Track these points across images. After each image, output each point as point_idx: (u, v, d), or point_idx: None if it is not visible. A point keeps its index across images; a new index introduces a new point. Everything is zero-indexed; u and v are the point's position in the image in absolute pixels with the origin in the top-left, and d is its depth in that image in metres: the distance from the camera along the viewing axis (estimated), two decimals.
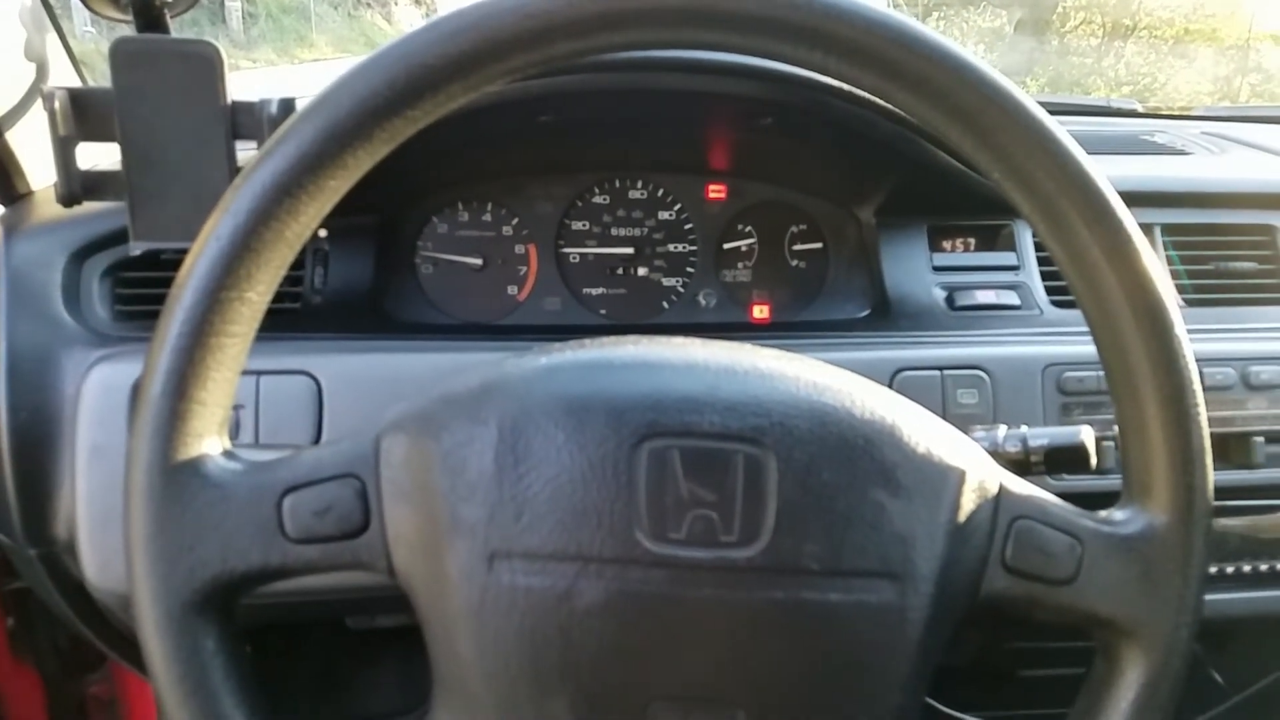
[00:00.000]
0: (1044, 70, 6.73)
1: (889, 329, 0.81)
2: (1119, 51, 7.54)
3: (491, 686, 0.41)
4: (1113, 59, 7.61)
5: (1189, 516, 0.46)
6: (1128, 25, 7.66)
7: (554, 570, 0.40)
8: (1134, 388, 0.47)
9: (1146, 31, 7.60)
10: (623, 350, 0.45)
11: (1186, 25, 7.36)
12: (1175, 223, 0.89)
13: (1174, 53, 7.37)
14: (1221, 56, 6.93)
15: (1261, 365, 0.79)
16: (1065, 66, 7.07)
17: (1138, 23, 7.65)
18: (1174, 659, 0.46)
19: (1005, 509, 0.46)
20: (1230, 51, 6.92)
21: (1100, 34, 7.68)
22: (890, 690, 0.43)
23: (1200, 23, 7.37)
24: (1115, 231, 0.45)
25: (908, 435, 0.44)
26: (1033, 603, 0.46)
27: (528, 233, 0.88)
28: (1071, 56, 7.41)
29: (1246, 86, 6.58)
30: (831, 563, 0.41)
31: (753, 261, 0.91)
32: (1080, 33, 7.71)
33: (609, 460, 0.41)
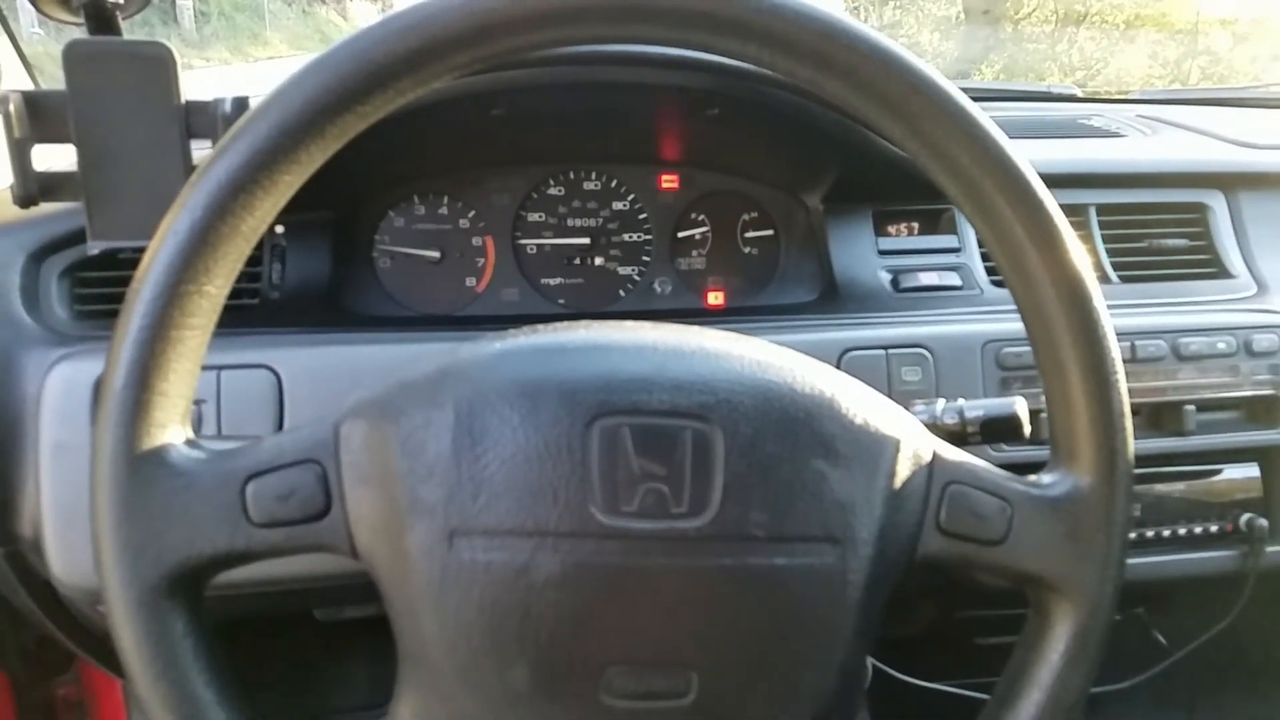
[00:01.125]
0: (999, 57, 6.81)
1: (837, 311, 0.84)
2: (1072, 38, 7.65)
3: (454, 658, 0.43)
4: (1066, 45, 7.72)
5: (1111, 478, 0.49)
6: (1079, 12, 7.76)
7: (512, 545, 0.42)
8: (1058, 359, 0.49)
9: (1098, 18, 7.73)
10: (574, 334, 0.47)
11: (1137, 11, 7.48)
12: (1108, 203, 0.92)
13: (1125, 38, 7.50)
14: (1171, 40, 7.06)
15: (1191, 337, 0.82)
16: (1020, 53, 7.16)
17: (1089, 9, 7.75)
18: (1101, 612, 0.48)
19: (939, 475, 0.48)
20: (1179, 36, 7.05)
21: (1053, 21, 7.78)
22: (834, 647, 0.45)
23: (1150, 7, 7.49)
24: (1036, 210, 0.48)
25: (846, 408, 0.46)
26: (966, 563, 0.49)
27: (484, 225, 0.90)
28: (1026, 43, 7.50)
29: (1196, 69, 6.71)
30: (776, 529, 0.43)
31: (706, 249, 0.93)
32: (1033, 20, 7.81)
33: (563, 439, 0.43)
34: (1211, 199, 0.95)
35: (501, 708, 0.43)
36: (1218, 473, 0.84)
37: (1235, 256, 0.93)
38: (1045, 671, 0.49)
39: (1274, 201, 0.97)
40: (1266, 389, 0.83)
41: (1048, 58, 7.46)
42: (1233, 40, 6.71)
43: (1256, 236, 0.95)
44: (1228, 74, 6.35)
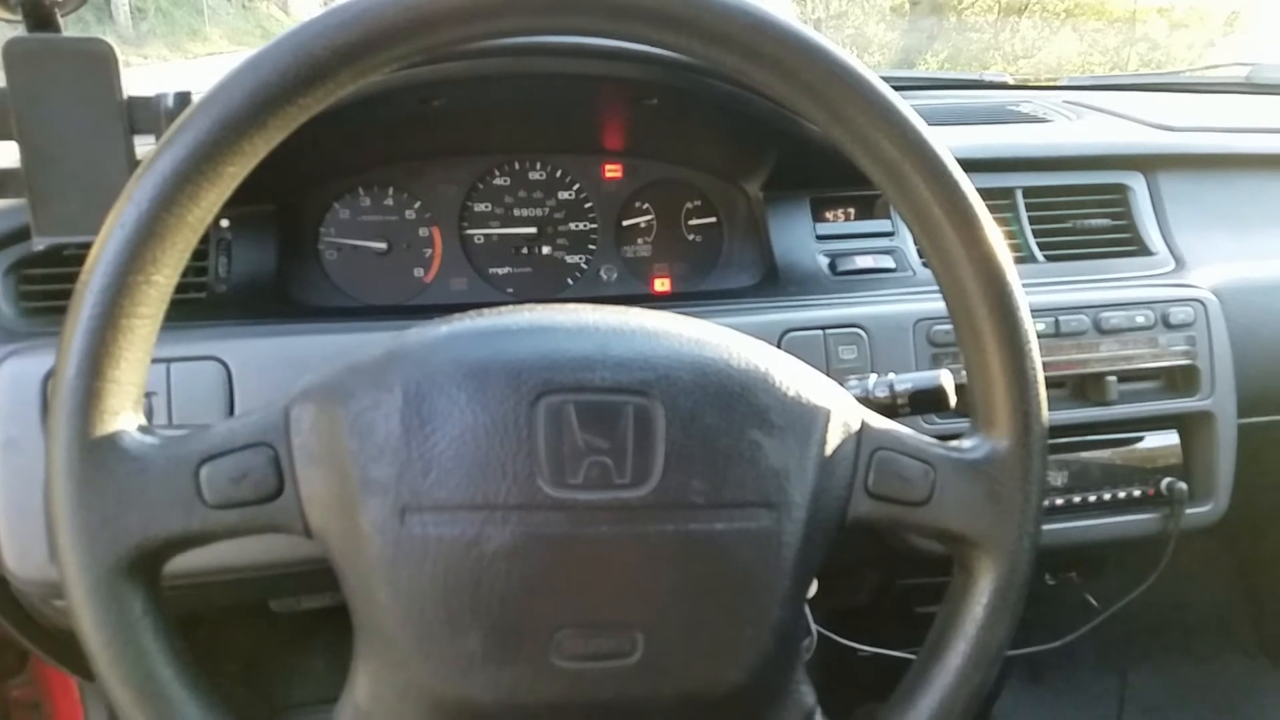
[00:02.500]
0: (943, 47, 6.92)
1: (778, 295, 0.86)
2: (1014, 27, 7.79)
3: (408, 628, 0.45)
4: (1008, 34, 7.87)
5: (1027, 440, 0.52)
6: (1021, 2, 7.91)
7: (463, 519, 0.44)
8: (975, 331, 0.52)
9: (1039, 6, 7.89)
10: (518, 316, 0.49)
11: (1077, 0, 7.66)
12: (1034, 185, 0.96)
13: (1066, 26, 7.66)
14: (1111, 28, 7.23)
15: (1111, 311, 0.86)
16: (964, 42, 7.28)
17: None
18: (1020, 565, 0.52)
19: (866, 442, 0.51)
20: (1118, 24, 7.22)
21: (995, 10, 7.93)
22: (771, 605, 0.48)
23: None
24: (952, 190, 0.51)
25: (780, 381, 0.49)
26: (894, 523, 0.52)
27: (430, 215, 0.91)
28: (969, 33, 7.63)
29: (1135, 56, 6.89)
30: (715, 496, 0.46)
31: (651, 237, 0.95)
32: (976, 9, 7.95)
33: (509, 416, 0.45)
34: (1132, 180, 0.99)
35: (456, 674, 0.45)
36: (1139, 440, 0.88)
37: (1155, 234, 0.98)
38: (970, 624, 0.52)
39: (1191, 181, 1.02)
40: (1183, 359, 0.88)
41: (991, 46, 7.60)
42: (1170, 28, 6.89)
43: (1174, 215, 0.99)
44: (1165, 60, 6.53)
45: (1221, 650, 1.80)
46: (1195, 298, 0.89)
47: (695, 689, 0.47)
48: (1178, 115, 1.09)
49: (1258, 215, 1.02)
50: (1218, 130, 1.07)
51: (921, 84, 1.31)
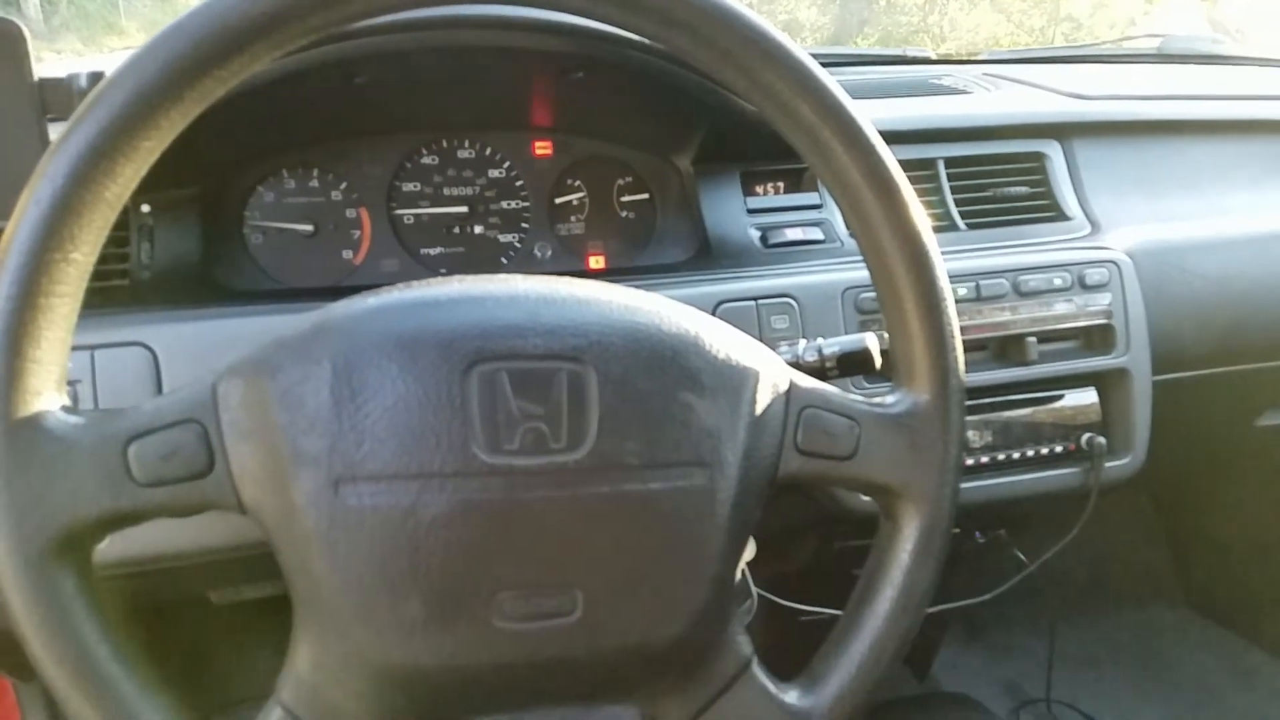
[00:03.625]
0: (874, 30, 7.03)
1: (711, 268, 0.87)
2: (942, 9, 7.94)
3: (348, 598, 0.45)
4: (937, 16, 8.02)
5: (945, 392, 0.54)
6: None
7: (398, 489, 0.44)
8: (895, 290, 0.54)
9: None
10: (448, 287, 0.49)
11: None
12: (955, 155, 0.98)
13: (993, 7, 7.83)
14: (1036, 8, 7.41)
15: (1029, 275, 0.89)
16: (893, 26, 7.40)
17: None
18: (942, 513, 0.54)
19: (795, 400, 0.53)
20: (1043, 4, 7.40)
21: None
22: (706, 562, 0.49)
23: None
24: (869, 154, 0.52)
25: (710, 345, 0.50)
26: (823, 478, 0.54)
27: (358, 196, 0.90)
28: (899, 15, 7.75)
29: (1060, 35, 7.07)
30: (649, 457, 0.47)
31: (584, 215, 0.96)
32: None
33: (442, 386, 0.45)
34: (1049, 148, 1.03)
35: (398, 640, 0.45)
36: (1060, 398, 0.92)
37: (1071, 200, 1.01)
38: (897, 570, 0.54)
39: (1105, 148, 1.05)
40: (1100, 319, 0.91)
41: (919, 29, 7.74)
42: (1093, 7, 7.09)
43: (1090, 180, 1.03)
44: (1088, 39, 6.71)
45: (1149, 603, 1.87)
46: (1110, 259, 0.92)
47: (635, 643, 0.48)
48: (1092, 85, 1.13)
49: (1169, 179, 1.07)
50: (1130, 98, 1.11)
51: (846, 60, 1.33)
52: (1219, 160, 1.10)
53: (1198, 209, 1.05)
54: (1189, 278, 0.99)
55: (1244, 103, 1.15)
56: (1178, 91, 1.16)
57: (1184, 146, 1.09)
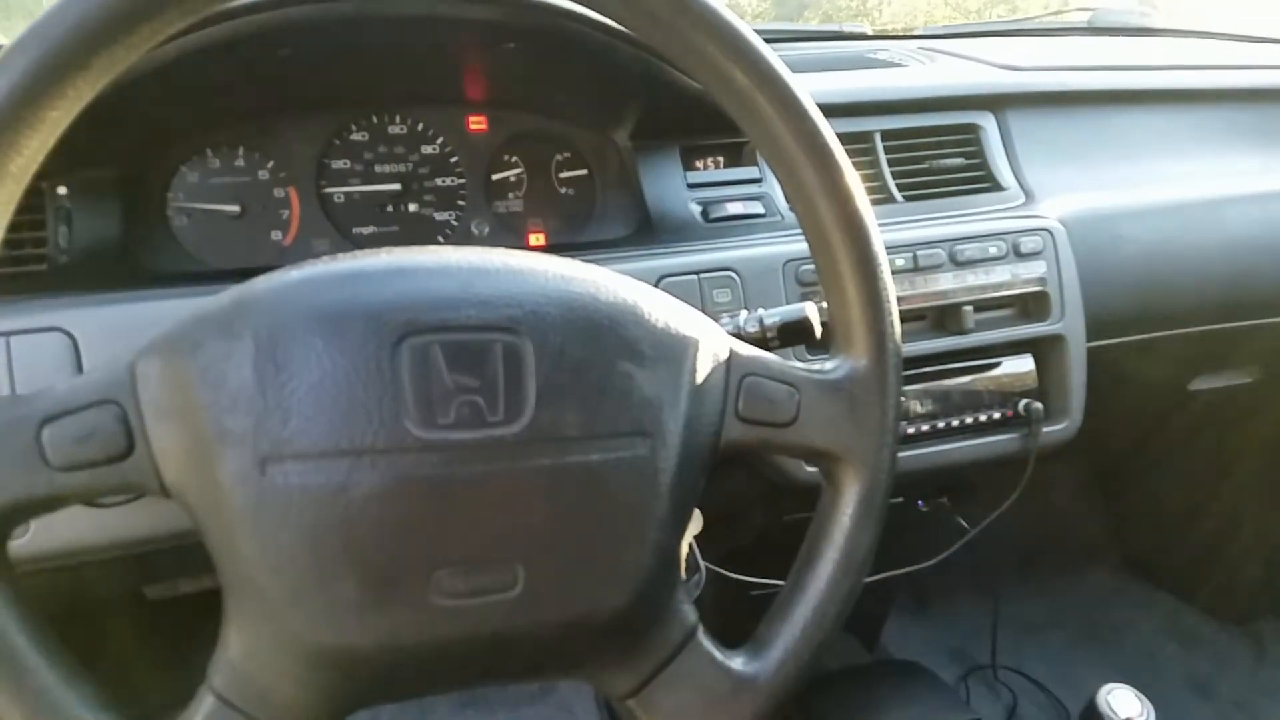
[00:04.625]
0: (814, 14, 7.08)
1: (652, 243, 0.87)
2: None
3: (278, 580, 0.44)
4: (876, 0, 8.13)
5: (882, 356, 0.54)
6: None
7: (328, 467, 0.43)
8: (831, 257, 0.54)
9: None
10: (376, 259, 0.48)
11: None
12: (892, 128, 0.99)
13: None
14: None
15: (965, 244, 0.90)
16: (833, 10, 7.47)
17: None
18: (881, 475, 0.54)
19: (735, 369, 0.53)
20: None
21: None
22: (649, 531, 0.49)
23: None
24: (802, 118, 0.52)
25: (648, 313, 0.49)
26: (765, 445, 0.54)
27: (285, 175, 0.87)
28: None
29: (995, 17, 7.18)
30: (590, 428, 0.46)
31: (523, 191, 0.94)
32: None
33: (371, 360, 0.44)
34: (983, 119, 1.04)
35: (332, 621, 0.44)
36: (997, 365, 0.93)
37: (1005, 170, 1.02)
38: (838, 533, 0.54)
39: (1038, 119, 1.07)
40: (1034, 286, 0.92)
41: (859, 13, 7.83)
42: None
43: (1023, 151, 1.04)
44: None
45: (1089, 568, 1.92)
46: (1043, 227, 0.94)
47: (578, 616, 0.48)
48: (1025, 57, 1.15)
49: (1100, 149, 1.08)
50: (1062, 69, 1.12)
51: (783, 36, 1.33)
52: (1149, 129, 1.12)
53: (1129, 177, 1.07)
54: (1121, 245, 1.01)
55: (1172, 73, 1.18)
56: (1108, 63, 1.18)
57: (1115, 116, 1.11)
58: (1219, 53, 1.33)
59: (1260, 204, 1.08)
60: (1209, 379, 1.24)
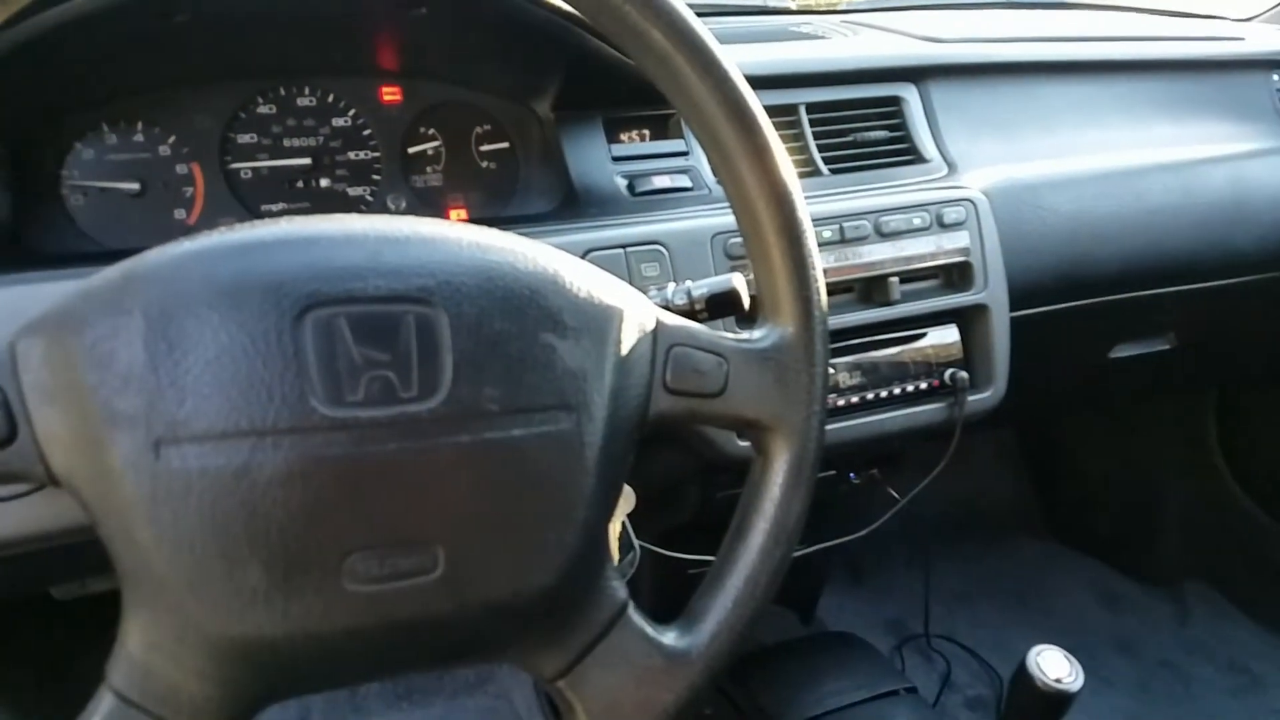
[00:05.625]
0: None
1: (578, 218, 0.85)
2: None
3: (178, 568, 0.41)
4: None
5: (809, 324, 0.54)
6: None
7: (228, 448, 0.41)
8: (755, 221, 0.54)
9: None
10: (275, 228, 0.45)
11: None
12: (816, 101, 0.98)
13: None
14: None
15: (890, 215, 0.90)
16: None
17: None
18: (810, 443, 0.54)
19: (662, 339, 0.51)
20: None
21: None
22: (575, 507, 0.47)
23: None
24: (723, 81, 0.51)
25: (570, 283, 0.48)
26: (693, 416, 0.53)
27: (188, 151, 0.83)
28: None
29: None
30: (510, 403, 0.45)
31: (441, 165, 0.91)
32: None
33: (271, 334, 0.41)
34: (905, 92, 1.04)
35: (237, 610, 0.42)
36: (923, 336, 0.93)
37: (928, 142, 1.03)
38: (768, 502, 0.54)
39: (959, 90, 1.07)
40: (958, 257, 0.93)
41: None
42: None
43: (945, 123, 1.05)
44: None
45: (1017, 536, 1.97)
46: (966, 198, 0.94)
47: (503, 597, 0.46)
48: (946, 30, 1.15)
49: (1021, 120, 1.10)
50: (982, 41, 1.13)
51: (707, 9, 1.32)
52: (1069, 100, 1.14)
53: (1049, 148, 1.08)
54: (1043, 214, 1.03)
55: (1091, 45, 1.20)
56: (1028, 34, 1.19)
57: (1035, 88, 1.13)
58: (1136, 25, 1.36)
59: (1177, 173, 1.11)
60: (1129, 346, 1.27)
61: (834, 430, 0.88)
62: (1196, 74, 1.23)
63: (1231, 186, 1.14)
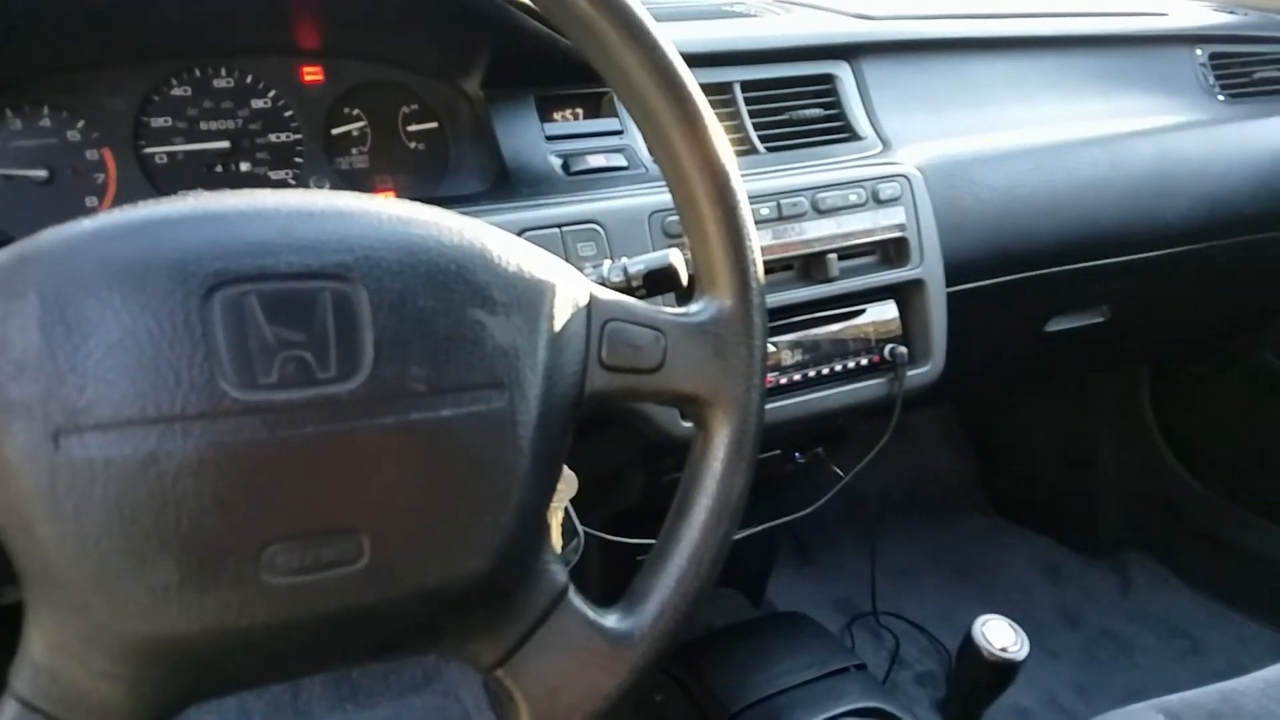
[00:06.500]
0: None
1: (511, 198, 0.83)
2: None
3: (83, 566, 0.39)
4: None
5: (746, 296, 0.53)
6: None
7: (133, 437, 0.38)
8: (690, 194, 0.53)
9: None
10: (179, 204, 0.43)
11: None
12: (750, 79, 0.98)
13: None
14: None
15: (826, 192, 0.90)
16: None
17: None
18: (750, 416, 0.53)
19: (597, 314, 0.50)
20: None
21: None
22: (510, 489, 0.46)
23: None
24: (651, 48, 0.50)
25: (498, 257, 0.46)
26: (631, 393, 0.52)
27: (99, 135, 0.79)
28: None
29: None
30: (438, 382, 0.43)
31: (367, 146, 0.89)
32: None
33: (177, 315, 0.39)
34: (839, 69, 1.04)
35: (148, 608, 0.40)
36: (862, 312, 0.93)
37: (862, 119, 1.03)
38: (710, 479, 0.53)
39: (891, 67, 1.08)
40: (895, 232, 0.93)
41: None
42: None
43: (879, 100, 1.05)
44: None
45: (961, 512, 2.00)
46: (901, 174, 0.95)
47: (435, 584, 0.45)
48: (877, 6, 1.16)
49: (952, 96, 1.11)
50: (914, 18, 1.14)
51: None
52: (1000, 76, 1.15)
53: (981, 124, 1.09)
54: (975, 190, 1.04)
55: (1021, 21, 1.21)
56: (959, 11, 1.20)
57: (967, 64, 1.13)
58: (1064, 1, 1.37)
59: (1105, 146, 1.13)
60: (1063, 320, 1.29)
61: (777, 408, 0.88)
62: (1123, 49, 1.25)
63: (1158, 159, 1.16)
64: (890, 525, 1.86)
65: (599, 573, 1.16)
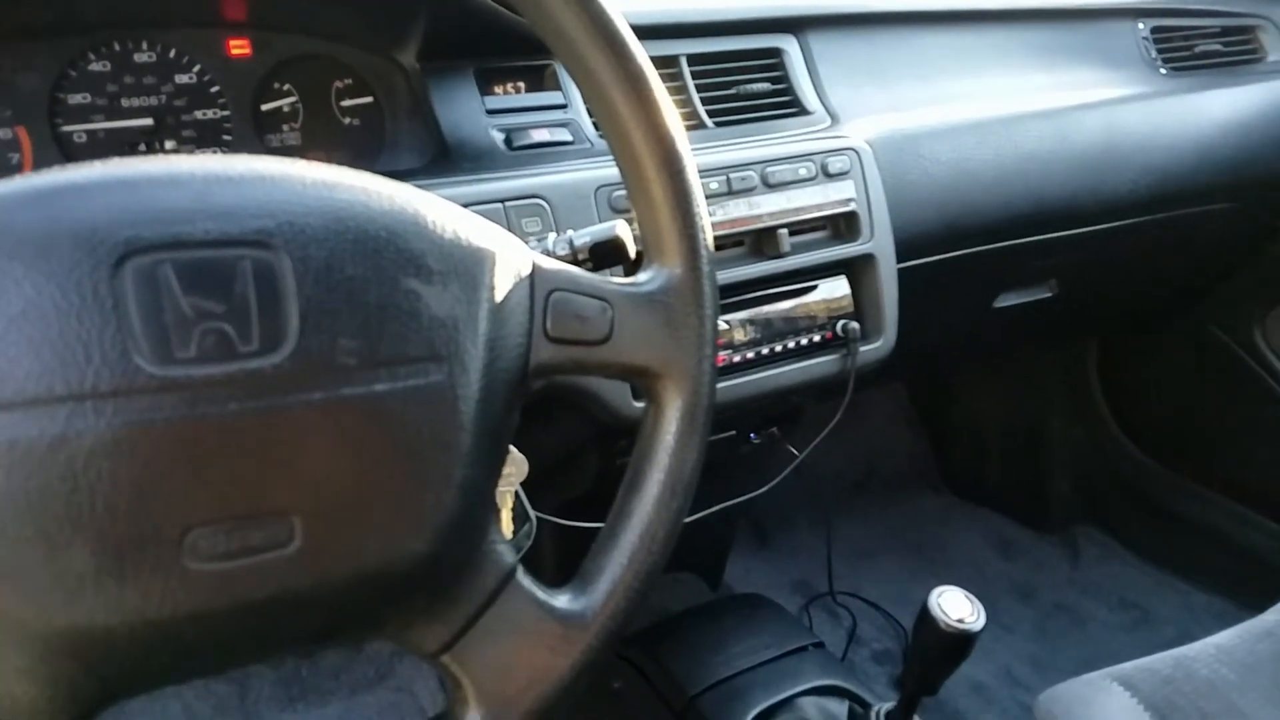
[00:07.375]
0: None
1: (452, 173, 0.81)
2: None
3: None
4: None
5: (696, 263, 0.51)
6: None
7: (40, 416, 0.36)
8: (634, 159, 0.51)
9: None
10: (86, 170, 0.40)
11: None
12: (697, 52, 0.96)
13: None
14: None
15: (776, 166, 0.89)
16: None
17: None
18: (702, 387, 0.51)
19: (540, 284, 0.48)
20: None
21: None
22: (452, 467, 0.43)
23: None
24: (589, 4, 0.48)
25: (433, 223, 0.44)
26: (578, 366, 0.50)
27: (11, 113, 0.75)
28: None
29: None
30: (371, 355, 0.41)
31: (299, 123, 0.85)
32: None
33: (85, 286, 0.36)
34: (785, 43, 1.03)
35: (61, 600, 0.37)
36: (814, 288, 0.92)
37: (810, 94, 1.02)
38: (663, 452, 0.51)
39: (839, 41, 1.07)
40: (844, 207, 0.93)
41: None
42: None
43: (826, 74, 1.04)
44: None
45: (915, 491, 2.02)
46: (850, 148, 0.94)
47: (374, 567, 0.42)
48: None
49: (901, 70, 1.10)
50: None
51: None
52: (947, 49, 1.15)
53: (928, 97, 1.09)
54: (924, 164, 1.03)
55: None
56: None
57: (914, 37, 1.13)
58: None
59: (1051, 119, 1.13)
60: (1012, 295, 1.30)
61: (731, 386, 0.87)
62: (1067, 23, 1.26)
63: (1104, 132, 1.17)
64: (845, 506, 1.87)
65: (553, 559, 1.14)
